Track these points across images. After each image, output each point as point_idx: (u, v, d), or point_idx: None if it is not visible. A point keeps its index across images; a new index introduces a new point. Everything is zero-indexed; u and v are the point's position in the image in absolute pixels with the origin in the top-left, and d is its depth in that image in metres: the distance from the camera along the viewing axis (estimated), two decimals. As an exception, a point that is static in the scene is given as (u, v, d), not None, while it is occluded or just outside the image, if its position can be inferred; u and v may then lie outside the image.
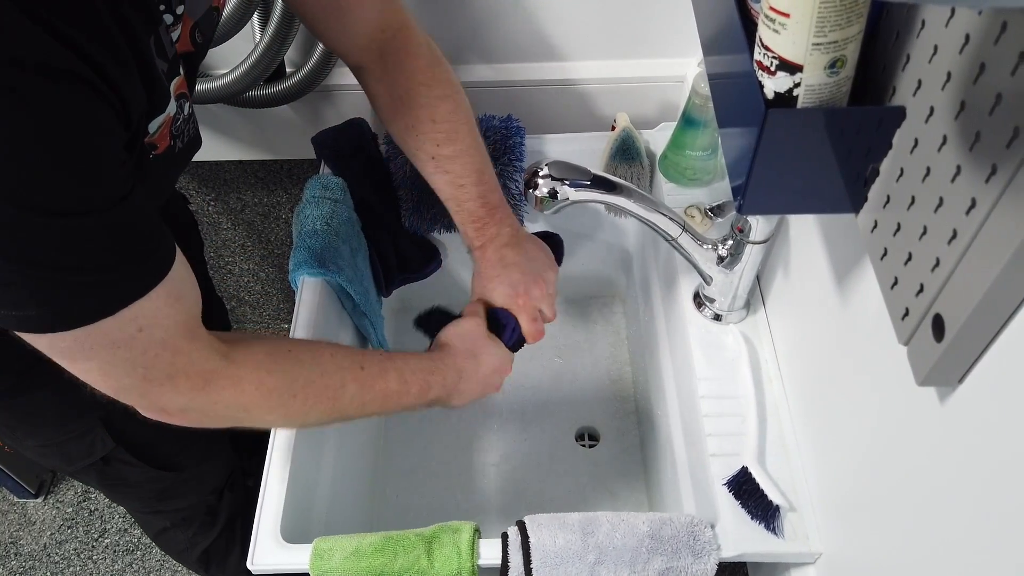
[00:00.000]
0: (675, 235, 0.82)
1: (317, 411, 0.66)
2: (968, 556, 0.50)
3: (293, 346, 0.66)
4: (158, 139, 0.59)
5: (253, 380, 0.61)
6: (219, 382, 0.59)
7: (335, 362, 0.68)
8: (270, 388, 0.62)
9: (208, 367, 0.58)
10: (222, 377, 0.59)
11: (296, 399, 0.64)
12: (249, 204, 1.66)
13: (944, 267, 0.45)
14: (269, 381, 0.62)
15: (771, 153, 0.52)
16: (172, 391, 0.57)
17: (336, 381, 0.67)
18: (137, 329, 0.52)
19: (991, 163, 0.40)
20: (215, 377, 0.59)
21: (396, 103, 0.79)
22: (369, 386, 0.69)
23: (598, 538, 0.72)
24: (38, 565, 1.41)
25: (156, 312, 0.53)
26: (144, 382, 0.55)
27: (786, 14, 0.47)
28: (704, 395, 0.84)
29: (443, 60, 0.81)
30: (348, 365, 0.68)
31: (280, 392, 0.63)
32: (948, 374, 0.48)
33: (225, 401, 0.60)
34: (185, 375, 0.57)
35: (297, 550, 0.75)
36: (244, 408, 0.61)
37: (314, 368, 0.65)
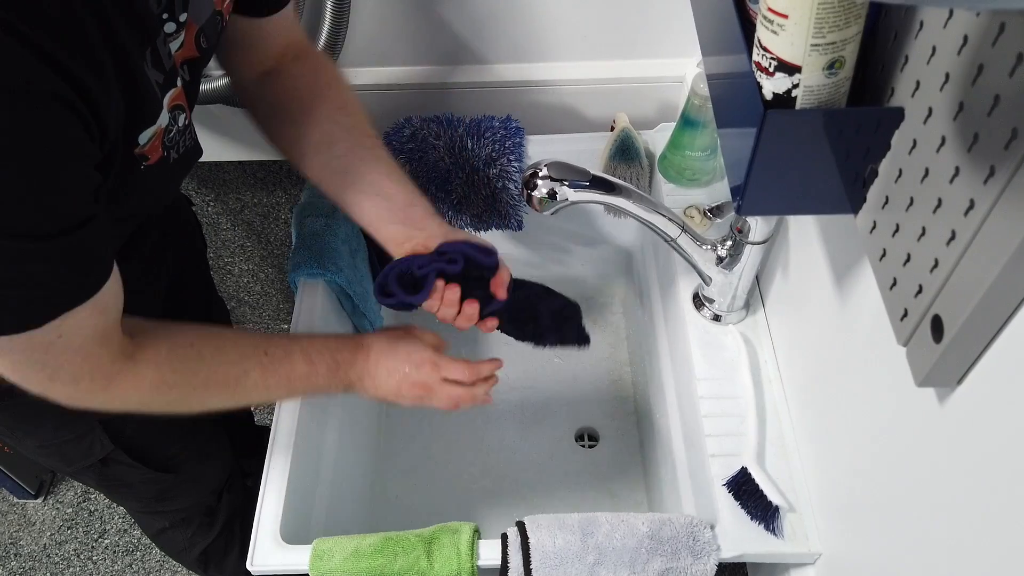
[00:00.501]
0: (674, 236, 0.82)
1: (218, 399, 0.68)
2: (967, 556, 0.50)
3: (196, 339, 0.66)
4: (149, 150, 0.59)
5: (154, 379, 0.62)
6: (121, 382, 0.60)
7: (238, 351, 0.68)
8: (171, 384, 0.63)
9: (113, 369, 0.59)
10: (124, 377, 0.60)
11: (196, 391, 0.65)
12: (249, 205, 1.66)
13: (943, 268, 0.45)
14: (170, 378, 0.63)
15: (770, 154, 0.52)
16: (73, 390, 0.59)
17: (238, 370, 0.67)
18: (57, 336, 0.53)
19: (989, 164, 0.40)
20: (117, 377, 0.60)
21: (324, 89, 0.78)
22: (273, 371, 0.69)
23: (598, 539, 0.72)
24: (38, 566, 1.41)
25: (80, 323, 0.54)
26: (49, 380, 0.57)
27: (784, 15, 0.47)
28: (703, 395, 0.84)
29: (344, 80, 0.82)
30: (251, 353, 0.68)
31: (180, 387, 0.64)
32: (947, 375, 0.48)
33: (124, 397, 0.62)
34: (90, 377, 0.58)
35: (297, 551, 0.75)
36: (142, 402, 0.63)
37: (215, 361, 0.66)
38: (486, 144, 1.03)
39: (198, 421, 0.97)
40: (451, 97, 1.15)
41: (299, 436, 0.83)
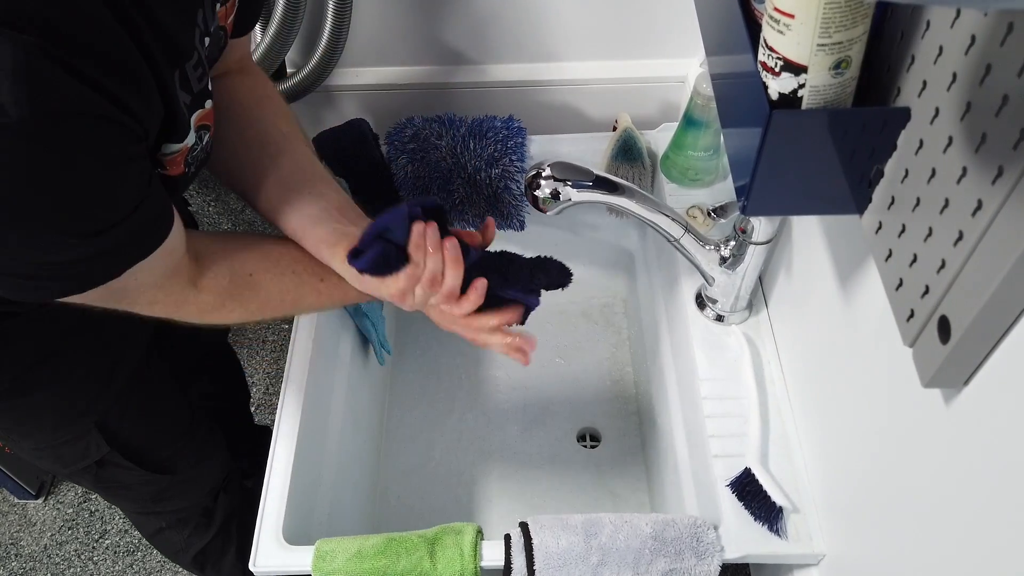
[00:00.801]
0: (677, 236, 0.81)
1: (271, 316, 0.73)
2: (973, 558, 0.49)
3: (256, 268, 0.70)
4: (169, 163, 0.61)
5: (215, 304, 0.68)
6: (187, 307, 0.66)
7: (296, 278, 0.71)
8: (230, 310, 0.69)
9: (181, 296, 0.65)
10: (190, 303, 0.66)
11: (252, 314, 0.71)
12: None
13: (950, 269, 0.45)
14: (230, 305, 0.68)
15: (775, 154, 0.52)
16: (148, 312, 0.64)
17: (293, 296, 0.72)
18: (133, 279, 0.58)
19: (997, 164, 0.40)
20: (184, 304, 0.65)
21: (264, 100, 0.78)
22: (328, 295, 0.74)
23: (601, 540, 0.72)
24: (38, 566, 1.40)
25: (150, 265, 0.58)
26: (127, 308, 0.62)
27: (791, 15, 0.46)
28: (706, 396, 0.84)
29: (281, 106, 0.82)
30: (308, 279, 0.72)
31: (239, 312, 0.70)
32: (954, 376, 0.48)
33: (189, 315, 0.67)
34: (162, 304, 0.64)
35: (299, 551, 0.75)
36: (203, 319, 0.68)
37: (273, 289, 0.70)
38: (488, 144, 1.03)
39: (195, 421, 0.96)
40: (453, 97, 1.15)
41: (301, 436, 0.83)
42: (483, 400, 1.19)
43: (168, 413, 0.92)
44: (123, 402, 0.83)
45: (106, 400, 0.81)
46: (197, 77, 0.60)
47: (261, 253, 0.70)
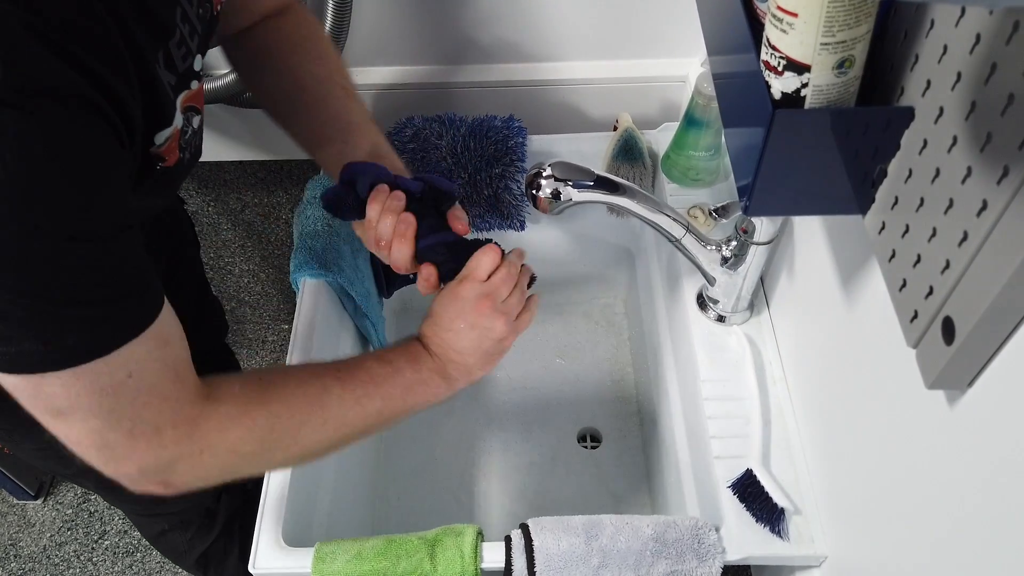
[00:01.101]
0: (679, 236, 0.81)
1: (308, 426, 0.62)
2: (976, 561, 0.49)
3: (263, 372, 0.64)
4: (166, 151, 0.58)
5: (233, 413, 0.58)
6: (203, 425, 0.57)
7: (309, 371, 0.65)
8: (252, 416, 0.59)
9: (193, 412, 0.56)
10: (206, 419, 0.57)
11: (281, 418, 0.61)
12: (249, 205, 1.65)
13: (954, 269, 0.44)
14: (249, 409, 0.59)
15: (778, 154, 0.51)
16: (159, 445, 0.54)
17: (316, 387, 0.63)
18: (127, 375, 0.51)
19: (1003, 164, 0.40)
20: (199, 421, 0.56)
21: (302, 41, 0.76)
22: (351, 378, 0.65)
23: (602, 541, 0.71)
24: (38, 567, 1.40)
25: (146, 356, 0.52)
26: (130, 437, 0.53)
27: (794, 14, 0.46)
28: (708, 397, 0.83)
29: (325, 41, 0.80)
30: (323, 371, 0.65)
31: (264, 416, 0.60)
32: (958, 377, 0.47)
33: (212, 446, 0.57)
34: (172, 424, 0.55)
35: (299, 553, 0.74)
36: (231, 448, 0.59)
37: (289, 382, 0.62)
38: (488, 144, 1.03)
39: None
40: (453, 97, 1.15)
41: (301, 438, 0.82)
42: (483, 401, 1.19)
43: None
44: None
45: None
46: (181, 56, 0.56)
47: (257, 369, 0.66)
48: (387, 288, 1.04)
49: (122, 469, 0.55)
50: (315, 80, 0.75)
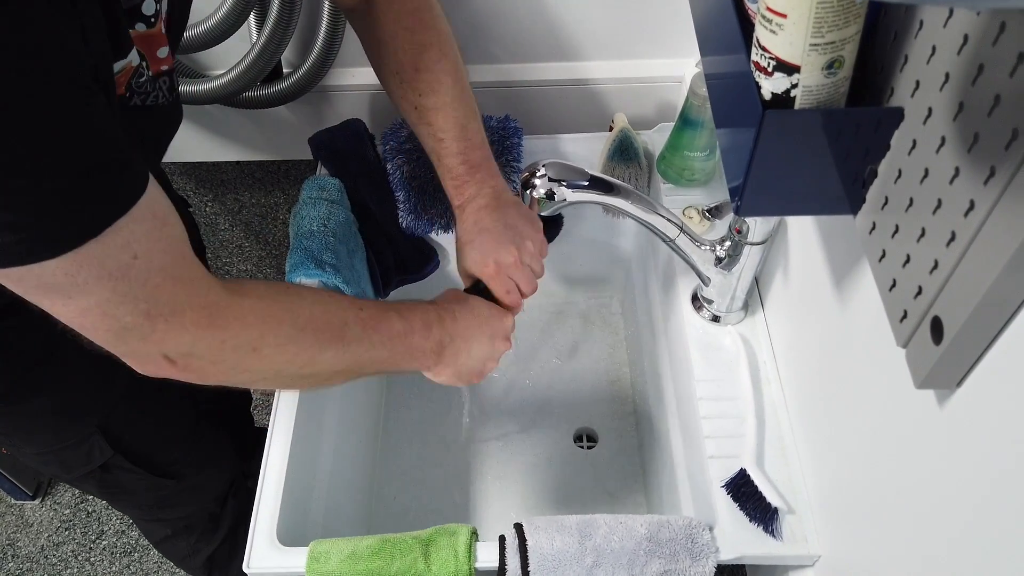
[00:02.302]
0: (673, 236, 0.81)
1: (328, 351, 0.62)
2: (967, 559, 0.49)
3: (290, 285, 0.64)
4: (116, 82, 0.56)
5: (259, 311, 0.57)
6: (225, 315, 0.55)
7: (335, 300, 0.65)
8: (277, 319, 0.58)
9: (213, 298, 0.55)
10: (227, 309, 0.56)
11: (304, 332, 0.60)
12: (247, 205, 1.66)
13: (943, 269, 0.45)
14: (275, 311, 0.59)
15: (769, 154, 0.51)
16: (178, 328, 0.53)
17: (339, 319, 0.63)
18: (132, 256, 0.48)
19: (990, 165, 0.40)
20: (220, 310, 0.55)
21: (381, 47, 0.77)
22: (372, 325, 0.65)
23: (596, 541, 0.72)
24: (35, 567, 1.40)
25: (147, 235, 0.49)
26: (147, 319, 0.51)
27: (783, 15, 0.46)
28: (702, 397, 0.83)
29: (435, 5, 0.78)
30: (348, 305, 0.65)
31: (287, 324, 0.59)
32: (946, 377, 0.48)
33: (233, 338, 0.56)
34: (191, 308, 0.53)
35: (293, 553, 0.74)
36: (252, 346, 0.58)
37: (316, 303, 0.62)
38: (484, 144, 1.03)
39: (199, 425, 0.96)
40: (449, 97, 1.14)
41: (296, 437, 0.82)
42: (479, 400, 1.19)
43: (173, 417, 0.91)
44: (126, 405, 0.82)
45: (108, 403, 0.81)
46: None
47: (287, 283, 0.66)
48: (383, 288, 1.05)
49: (139, 349, 0.54)
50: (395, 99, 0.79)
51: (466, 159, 0.78)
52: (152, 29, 0.58)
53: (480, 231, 0.76)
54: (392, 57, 0.77)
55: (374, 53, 0.79)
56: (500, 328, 0.75)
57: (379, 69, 0.80)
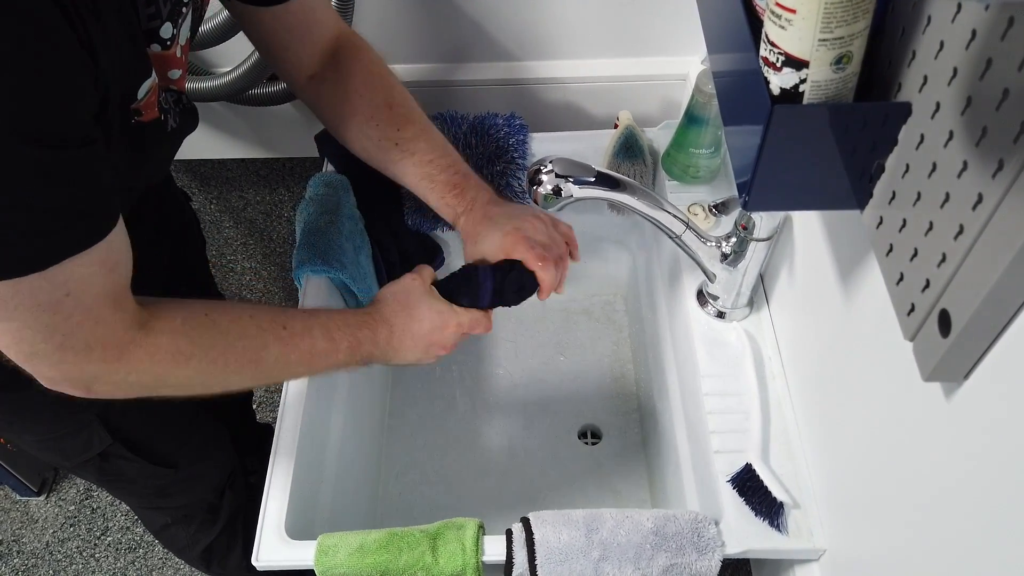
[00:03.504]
0: (679, 232, 0.82)
1: (239, 375, 0.66)
2: (973, 553, 0.50)
3: (211, 310, 0.65)
4: (144, 106, 0.58)
5: (169, 348, 0.60)
6: (135, 353, 0.58)
7: (255, 323, 0.67)
8: (187, 356, 0.61)
9: (126, 338, 0.57)
10: (138, 347, 0.58)
11: (216, 364, 0.63)
12: (251, 202, 1.66)
13: (950, 263, 0.45)
14: (187, 349, 0.61)
15: (777, 149, 0.52)
16: (86, 361, 0.56)
17: (257, 343, 0.66)
18: (65, 293, 0.51)
19: (998, 158, 0.40)
20: (131, 347, 0.58)
21: (353, 98, 0.80)
22: (294, 346, 0.68)
23: (602, 534, 0.72)
24: (40, 563, 1.41)
25: (89, 278, 0.52)
26: (59, 350, 0.54)
27: (792, 10, 0.47)
28: (708, 392, 0.84)
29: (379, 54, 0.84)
30: (269, 326, 0.67)
31: (198, 359, 0.62)
32: (954, 370, 0.48)
33: (139, 371, 0.59)
34: (102, 346, 0.56)
35: (302, 546, 0.75)
36: (158, 377, 0.61)
37: (233, 332, 0.65)
38: (490, 141, 1.03)
39: (198, 416, 0.97)
40: (455, 94, 1.15)
41: (303, 432, 0.83)
42: (484, 396, 1.19)
43: (172, 406, 0.91)
44: None
45: None
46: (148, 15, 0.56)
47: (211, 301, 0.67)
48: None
49: (44, 373, 0.57)
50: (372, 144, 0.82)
51: (457, 170, 0.82)
52: (166, 51, 0.60)
53: (493, 220, 0.80)
54: (366, 104, 0.81)
55: (342, 108, 0.81)
56: (440, 339, 0.76)
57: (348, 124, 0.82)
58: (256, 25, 0.76)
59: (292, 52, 0.79)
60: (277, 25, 0.76)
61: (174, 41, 0.60)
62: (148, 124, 0.60)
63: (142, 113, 0.59)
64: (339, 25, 0.81)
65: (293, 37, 0.77)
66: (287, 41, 0.78)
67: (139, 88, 0.57)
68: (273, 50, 0.79)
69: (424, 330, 0.76)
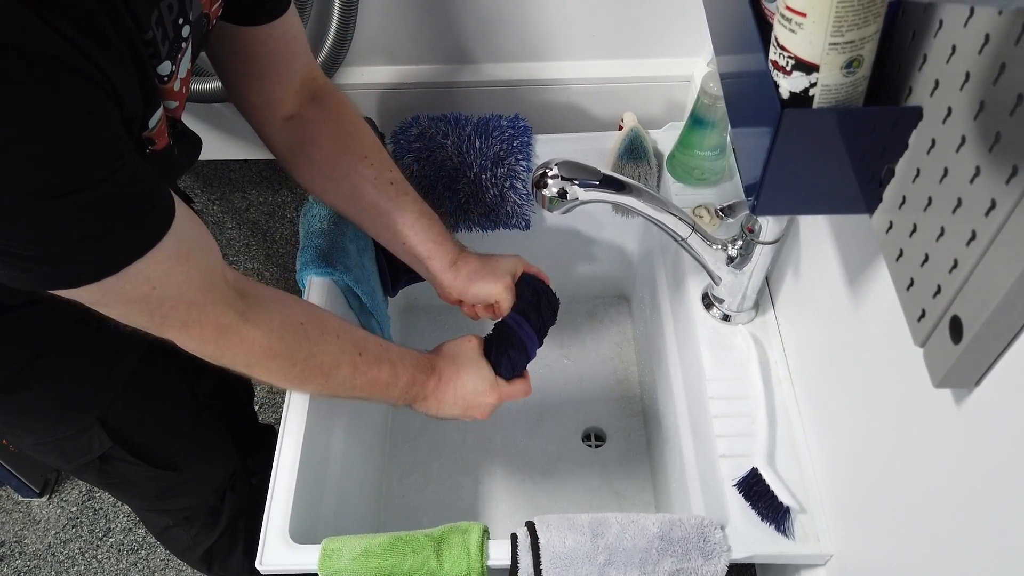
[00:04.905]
0: (684, 235, 0.81)
1: (310, 384, 0.72)
2: (981, 558, 0.49)
3: (306, 318, 0.69)
4: (156, 135, 0.59)
5: (263, 343, 0.65)
6: (231, 338, 0.63)
7: (338, 343, 0.72)
8: (276, 353, 0.66)
9: (223, 321, 0.62)
10: (235, 334, 0.63)
11: (295, 368, 0.69)
12: (254, 204, 1.66)
13: (962, 268, 0.45)
14: (277, 347, 0.66)
15: (786, 153, 0.51)
16: (186, 337, 0.61)
17: (333, 361, 0.71)
18: (150, 288, 0.55)
19: (1012, 164, 0.40)
20: (228, 332, 0.62)
21: (345, 138, 0.81)
22: (362, 372, 0.73)
23: (608, 539, 0.72)
24: (42, 564, 1.40)
25: (166, 272, 0.55)
26: (161, 327, 0.59)
27: (803, 13, 0.46)
28: (713, 396, 0.83)
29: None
30: (349, 348, 0.72)
31: (283, 359, 0.67)
32: (965, 376, 0.48)
33: (233, 354, 0.64)
34: (199, 325, 0.60)
35: (306, 550, 0.74)
36: (248, 364, 0.66)
37: (319, 346, 0.70)
38: (494, 143, 1.03)
39: (199, 418, 0.96)
40: (459, 96, 1.15)
41: (307, 435, 0.83)
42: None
43: (172, 409, 0.91)
44: (126, 397, 0.83)
45: (108, 395, 0.81)
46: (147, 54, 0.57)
47: (308, 308, 0.72)
48: (392, 287, 1.05)
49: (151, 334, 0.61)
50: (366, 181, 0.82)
51: (440, 221, 0.86)
52: (164, 86, 0.61)
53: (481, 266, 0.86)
54: (358, 144, 0.82)
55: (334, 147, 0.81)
56: (477, 405, 0.81)
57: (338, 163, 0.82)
58: (234, 48, 0.75)
59: (267, 82, 0.78)
60: (258, 49, 0.75)
61: (172, 77, 0.61)
62: (160, 152, 0.62)
63: (155, 142, 0.60)
64: (315, 65, 0.81)
65: (271, 64, 0.76)
66: (264, 68, 0.76)
67: (150, 118, 0.58)
68: (249, 79, 0.78)
69: (467, 391, 0.80)
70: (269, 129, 0.82)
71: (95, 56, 0.47)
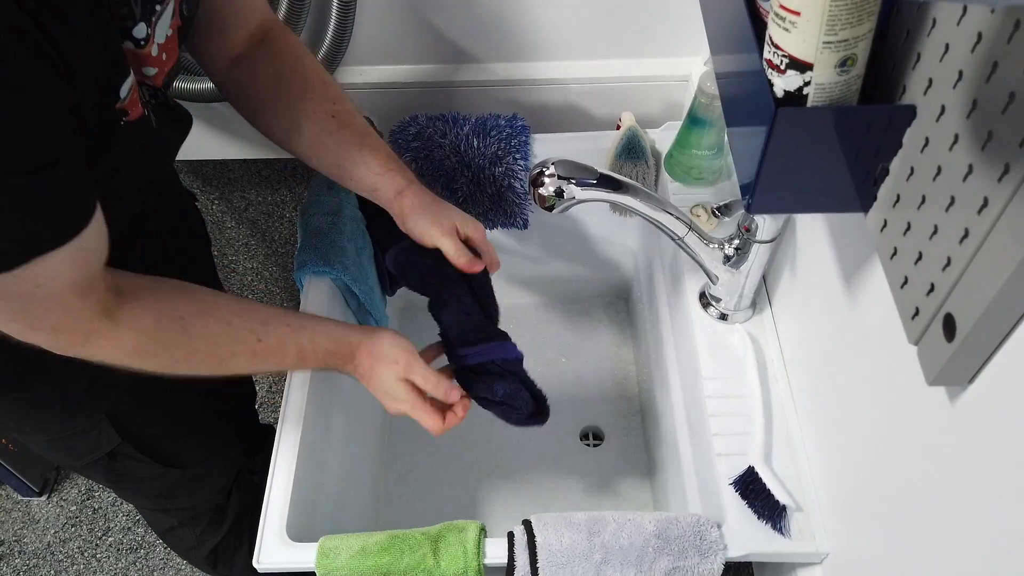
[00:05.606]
0: (681, 234, 0.81)
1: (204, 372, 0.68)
2: (976, 556, 0.49)
3: (186, 312, 0.65)
4: (128, 105, 0.58)
5: (132, 344, 0.62)
6: (99, 340, 0.60)
7: (230, 333, 0.68)
8: (151, 353, 0.63)
9: (92, 326, 0.59)
10: (103, 337, 0.60)
11: (180, 364, 0.66)
12: (253, 203, 1.66)
13: (955, 266, 0.45)
14: (149, 346, 0.63)
15: (780, 152, 0.52)
16: (55, 340, 0.58)
17: (226, 352, 0.68)
18: (35, 286, 0.53)
19: (1004, 162, 0.40)
20: (96, 336, 0.59)
21: (287, 74, 0.80)
22: (262, 359, 0.70)
23: (604, 537, 0.72)
24: (42, 563, 1.41)
25: (58, 272, 0.53)
26: (28, 329, 0.57)
27: (797, 12, 0.46)
28: (710, 395, 0.84)
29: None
30: (244, 337, 0.69)
31: (160, 356, 0.64)
32: (959, 374, 0.48)
33: (102, 355, 0.61)
34: (68, 331, 0.58)
35: (303, 548, 0.75)
36: (120, 361, 0.63)
37: (202, 339, 0.66)
38: (492, 143, 1.03)
39: (205, 416, 0.96)
40: (457, 95, 1.15)
41: (305, 434, 0.83)
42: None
43: (179, 406, 0.92)
44: (133, 394, 0.83)
45: (115, 392, 0.81)
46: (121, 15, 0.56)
47: (194, 297, 0.67)
48: (390, 286, 1.05)
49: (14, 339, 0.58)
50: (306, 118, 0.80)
51: (388, 151, 0.83)
52: (140, 50, 0.60)
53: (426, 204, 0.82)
54: (300, 79, 0.80)
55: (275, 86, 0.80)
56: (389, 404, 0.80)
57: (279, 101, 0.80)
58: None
59: (227, 33, 0.77)
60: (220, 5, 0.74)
61: (149, 40, 0.59)
62: (135, 122, 0.60)
63: (128, 112, 0.59)
64: (269, 11, 0.81)
65: (231, 13, 0.76)
66: (224, 23, 0.76)
67: (120, 88, 0.57)
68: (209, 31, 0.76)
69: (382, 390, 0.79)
70: (216, 71, 0.80)
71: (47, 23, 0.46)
